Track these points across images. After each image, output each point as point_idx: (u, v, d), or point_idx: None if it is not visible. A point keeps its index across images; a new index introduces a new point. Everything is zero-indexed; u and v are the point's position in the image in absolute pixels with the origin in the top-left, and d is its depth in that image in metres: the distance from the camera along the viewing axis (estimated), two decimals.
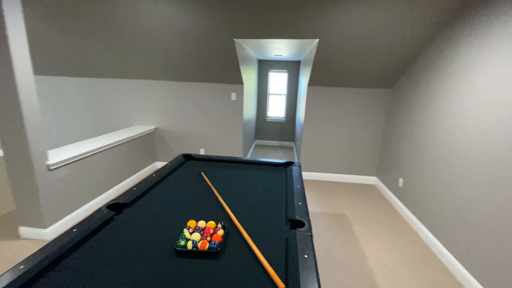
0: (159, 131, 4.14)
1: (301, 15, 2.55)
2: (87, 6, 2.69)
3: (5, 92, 1.97)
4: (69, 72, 3.93)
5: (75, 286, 0.95)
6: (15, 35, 1.93)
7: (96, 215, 1.41)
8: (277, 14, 2.57)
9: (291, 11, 2.52)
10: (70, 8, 2.73)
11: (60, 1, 2.65)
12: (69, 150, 2.62)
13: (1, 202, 2.95)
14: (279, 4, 2.45)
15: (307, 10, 2.49)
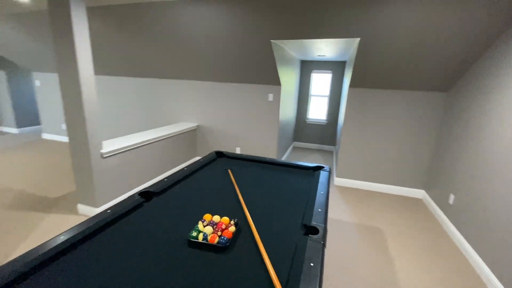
0: (200, 128, 4.40)
1: (340, 13, 2.44)
2: (142, 17, 3.02)
3: (72, 90, 2.35)
4: (125, 72, 4.45)
5: (97, 260, 1.08)
6: (80, 42, 2.28)
7: (129, 200, 1.59)
8: (314, 13, 2.51)
9: (329, 10, 2.43)
10: (128, 18, 3.10)
11: (120, 12, 3.03)
12: (121, 142, 2.98)
13: (67, 182, 3.50)
14: (317, 3, 2.38)
15: (347, 7, 2.37)
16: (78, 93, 2.34)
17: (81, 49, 2.28)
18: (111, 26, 3.39)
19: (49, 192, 3.17)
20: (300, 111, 5.89)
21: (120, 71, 4.48)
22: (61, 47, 2.27)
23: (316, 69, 5.54)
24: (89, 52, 2.36)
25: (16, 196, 3.04)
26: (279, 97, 3.76)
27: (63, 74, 2.34)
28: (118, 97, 4.80)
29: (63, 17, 2.19)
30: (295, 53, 4.37)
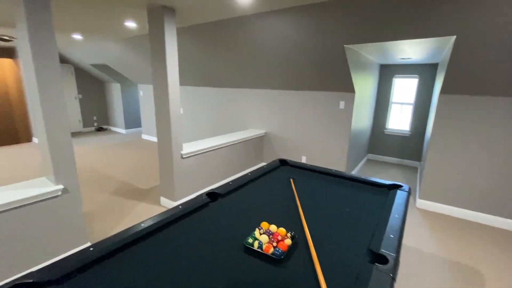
0: (268, 135, 4.51)
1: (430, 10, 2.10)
2: (218, 33, 3.32)
3: (162, 98, 2.76)
4: (203, 83, 4.96)
5: (161, 252, 1.22)
6: (170, 58, 2.66)
7: (197, 199, 1.74)
8: (394, 12, 2.24)
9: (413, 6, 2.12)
10: (206, 35, 3.46)
11: (199, 30, 3.41)
12: (197, 145, 3.33)
13: (156, 177, 4.11)
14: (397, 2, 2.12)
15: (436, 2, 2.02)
16: (166, 102, 2.73)
17: (170, 64, 2.67)
18: (192, 43, 3.86)
19: (142, 184, 3.80)
20: (378, 120, 5.34)
21: (198, 81, 5.03)
22: (156, 63, 2.71)
23: (399, 73, 4.94)
24: (176, 66, 2.73)
25: (118, 185, 3.76)
26: (352, 104, 3.50)
27: (156, 85, 2.78)
28: (196, 105, 5.39)
29: (159, 39, 2.62)
30: (373, 57, 4.00)
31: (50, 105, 1.83)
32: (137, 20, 3.21)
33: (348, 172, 2.38)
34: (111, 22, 3.34)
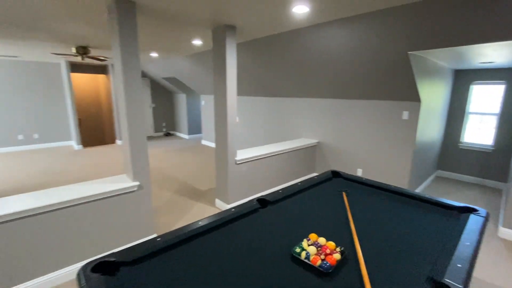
0: (320, 145, 4.41)
1: None
2: (273, 45, 3.45)
3: (221, 107, 3.00)
4: (258, 93, 5.14)
5: (214, 250, 1.33)
6: (230, 71, 2.89)
7: (248, 204, 1.84)
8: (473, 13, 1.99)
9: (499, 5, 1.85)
10: (261, 48, 3.62)
11: (255, 44, 3.59)
12: (251, 152, 3.48)
13: (212, 180, 4.43)
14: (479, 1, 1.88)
15: None
16: (224, 111, 2.96)
17: (230, 77, 2.90)
18: (248, 55, 4.08)
19: (200, 185, 4.15)
20: (450, 132, 4.69)
21: (253, 91, 5.26)
22: (217, 76, 2.98)
23: (478, 79, 4.28)
24: (235, 79, 2.95)
25: (180, 185, 4.18)
26: (417, 114, 3.19)
27: (217, 96, 3.05)
28: (251, 114, 5.63)
29: (220, 55, 2.88)
30: (444, 63, 3.58)
31: (133, 113, 2.20)
32: (202, 38, 3.58)
33: (411, 190, 2.16)
34: (181, 41, 3.80)
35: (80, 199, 1.99)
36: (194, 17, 2.55)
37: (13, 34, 3.39)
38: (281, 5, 2.26)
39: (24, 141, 6.45)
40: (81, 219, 2.04)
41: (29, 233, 1.82)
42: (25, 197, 1.93)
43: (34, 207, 1.79)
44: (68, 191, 2.05)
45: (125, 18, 2.04)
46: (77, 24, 2.86)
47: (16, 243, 1.78)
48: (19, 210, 1.74)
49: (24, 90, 6.30)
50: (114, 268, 1.19)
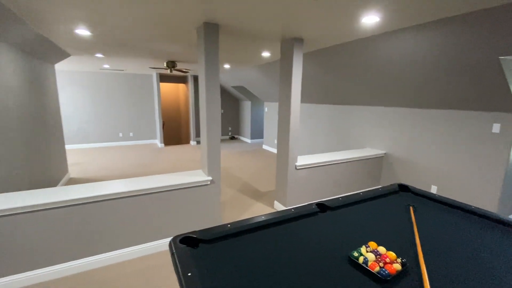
0: (388, 157, 4.13)
1: None
2: (340, 55, 3.44)
3: (284, 114, 3.18)
4: (320, 100, 5.12)
5: (273, 243, 1.48)
6: (295, 80, 3.05)
7: (307, 207, 1.94)
8: None
9: None
10: (326, 57, 3.65)
11: (321, 53, 3.64)
12: (311, 158, 3.54)
13: (272, 182, 4.63)
14: None
15: None
16: (288, 118, 3.13)
17: (294, 86, 3.05)
18: (312, 64, 4.15)
19: (260, 186, 4.40)
20: None
21: (316, 99, 5.27)
22: (283, 85, 3.17)
23: None
24: (299, 88, 3.09)
25: (242, 184, 4.51)
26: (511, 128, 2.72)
27: (281, 104, 3.24)
28: (312, 121, 5.64)
29: (287, 65, 3.07)
30: None
31: (211, 118, 2.57)
32: (271, 50, 3.85)
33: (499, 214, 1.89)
34: (252, 54, 4.16)
35: (166, 187, 2.43)
36: (266, 33, 2.81)
37: (122, 53, 4.32)
38: (350, 17, 2.31)
39: (122, 138, 7.96)
40: (164, 203, 2.48)
41: (126, 210, 2.33)
42: (126, 182, 2.48)
43: (131, 190, 2.29)
44: (156, 180, 2.53)
45: (210, 37, 2.43)
46: (169, 44, 3.48)
47: (118, 216, 2.30)
48: (120, 191, 2.25)
49: (125, 96, 7.80)
50: (195, 243, 1.47)
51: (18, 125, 2.81)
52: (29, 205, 1.93)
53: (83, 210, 2.14)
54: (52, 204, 2.01)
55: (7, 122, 2.57)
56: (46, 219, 2.02)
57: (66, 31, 2.88)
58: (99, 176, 4.89)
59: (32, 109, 3.26)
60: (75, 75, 7.09)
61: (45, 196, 2.07)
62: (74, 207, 2.10)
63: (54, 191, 2.19)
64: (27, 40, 2.88)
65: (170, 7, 2.07)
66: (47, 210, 2.01)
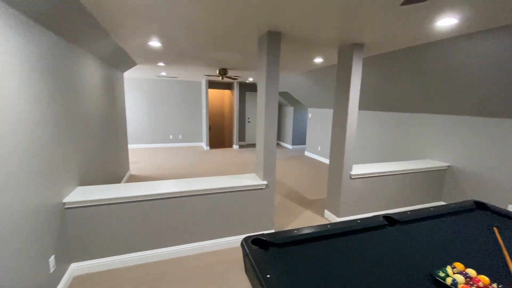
0: (452, 170, 3.76)
1: None
2: (401, 60, 3.25)
3: (340, 122, 3.10)
4: (374, 107, 4.87)
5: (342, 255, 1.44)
6: (354, 86, 2.97)
7: (374, 219, 1.86)
8: None
9: None
10: (385, 62, 3.47)
11: (380, 58, 3.48)
12: (367, 167, 3.39)
13: (319, 190, 4.53)
14: None
15: None
16: (344, 126, 3.05)
17: (353, 93, 2.97)
18: (371, 69, 3.98)
19: (307, 194, 4.34)
20: None
21: (369, 105, 5.03)
22: (340, 92, 3.11)
23: None
24: (357, 95, 3.00)
25: (288, 190, 4.50)
26: None
27: (337, 110, 3.18)
28: (365, 128, 5.39)
29: (345, 71, 3.01)
30: None
31: (269, 124, 2.63)
32: (324, 56, 3.82)
33: None
34: (304, 60, 4.17)
35: (225, 188, 2.55)
36: (324, 39, 2.80)
37: (180, 61, 4.66)
38: (422, 21, 2.19)
39: (172, 140, 8.54)
40: (222, 204, 2.59)
41: (189, 207, 2.48)
42: (189, 181, 2.65)
43: (195, 189, 2.44)
44: (215, 181, 2.66)
45: (272, 45, 2.50)
46: (226, 52, 3.66)
47: (180, 214, 2.47)
48: (185, 190, 2.41)
49: (176, 101, 8.39)
50: (266, 246, 1.51)
51: (97, 126, 3.21)
52: (123, 196, 2.20)
53: (152, 205, 2.35)
54: (128, 199, 2.25)
55: (91, 123, 2.95)
56: (122, 211, 2.26)
57: (141, 43, 3.22)
58: (154, 174, 5.30)
59: (107, 112, 3.69)
60: (135, 82, 7.86)
61: (125, 191, 2.32)
62: (142, 202, 2.32)
63: (128, 186, 2.45)
64: (108, 51, 3.29)
65: (237, 17, 2.20)
66: (122, 203, 2.26)
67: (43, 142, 1.79)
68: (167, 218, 2.42)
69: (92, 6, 2.01)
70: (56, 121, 2.01)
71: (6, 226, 1.39)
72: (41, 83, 1.80)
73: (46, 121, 1.85)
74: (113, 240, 2.29)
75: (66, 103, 2.21)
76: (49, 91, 1.91)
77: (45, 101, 1.84)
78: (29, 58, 1.65)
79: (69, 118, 2.28)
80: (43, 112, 1.81)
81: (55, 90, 2.01)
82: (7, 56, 1.44)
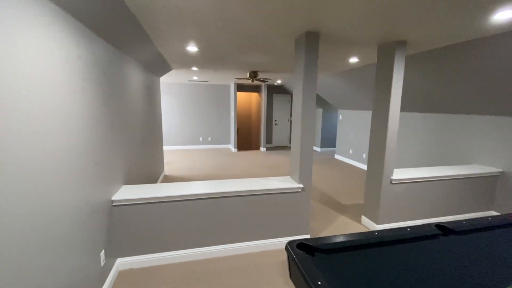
0: (505, 176, 3.40)
1: None
2: (447, 57, 3.02)
3: (380, 124, 2.96)
4: (413, 108, 4.58)
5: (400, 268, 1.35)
6: (395, 86, 2.81)
7: (426, 227, 1.73)
8: None
9: None
10: (428, 60, 3.25)
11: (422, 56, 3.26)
12: (409, 172, 3.20)
13: (354, 195, 4.36)
14: None
15: None
16: (384, 128, 2.90)
17: (394, 94, 2.82)
18: (411, 67, 3.75)
19: (341, 199, 4.19)
20: None
21: (409, 106, 4.74)
22: (380, 93, 2.97)
23: None
24: (399, 96, 2.84)
25: (321, 194, 4.38)
26: None
27: (376, 112, 3.03)
28: (402, 130, 5.10)
29: (386, 71, 2.87)
30: None
31: (306, 126, 2.58)
32: (360, 56, 3.68)
33: None
34: (339, 60, 4.06)
35: (261, 190, 2.54)
36: (364, 38, 2.70)
37: (213, 65, 4.77)
38: (479, 12, 2.01)
39: (202, 141, 8.78)
40: (258, 206, 2.58)
41: (222, 209, 2.50)
42: (229, 182, 2.68)
43: (236, 190, 2.46)
44: (249, 183, 2.66)
45: (310, 46, 2.46)
46: (259, 55, 3.68)
47: (219, 214, 2.50)
48: (228, 190, 2.44)
49: (206, 105, 8.62)
50: (311, 251, 1.46)
51: (139, 128, 3.39)
52: (164, 196, 2.30)
53: (189, 205, 2.41)
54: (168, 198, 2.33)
55: (134, 125, 3.12)
56: (163, 210, 2.35)
57: (180, 48, 3.35)
58: (186, 175, 5.47)
59: (146, 115, 3.89)
60: (169, 86, 8.22)
61: (166, 191, 2.41)
62: (180, 202, 2.39)
63: (167, 186, 2.54)
64: (149, 57, 3.46)
65: (277, 18, 2.19)
66: (163, 203, 2.34)
67: (94, 144, 1.92)
68: (204, 219, 2.47)
69: (140, 12, 2.12)
70: (106, 125, 2.15)
71: (66, 223, 1.50)
72: (95, 89, 1.94)
73: (97, 125, 1.98)
74: (154, 238, 2.38)
75: (115, 107, 2.36)
76: (102, 96, 2.05)
77: (97, 106, 1.97)
78: (85, 65, 1.78)
79: (117, 122, 2.43)
80: (95, 116, 1.94)
81: (106, 95, 2.15)
82: (65, 63, 1.56)
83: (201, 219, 2.46)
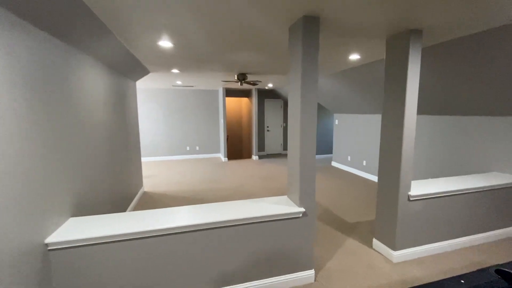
0: None
1: None
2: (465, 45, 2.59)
3: (393, 129, 2.47)
4: (424, 110, 4.14)
5: None
6: (411, 84, 2.34)
7: (480, 275, 1.22)
8: None
9: None
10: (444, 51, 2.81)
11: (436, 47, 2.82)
12: (428, 185, 2.71)
13: (359, 211, 3.84)
14: None
15: None
16: (399, 134, 2.41)
17: (410, 92, 2.34)
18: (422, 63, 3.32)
19: (345, 215, 3.66)
20: None
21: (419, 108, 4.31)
22: (391, 91, 2.49)
23: None
24: (416, 95, 2.37)
25: (321, 210, 3.85)
26: None
27: (387, 114, 2.55)
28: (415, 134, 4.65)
29: (399, 66, 2.39)
30: None
31: (306, 134, 2.06)
32: (363, 51, 3.22)
33: None
34: (338, 58, 3.59)
35: (250, 218, 1.98)
36: (371, 25, 2.22)
37: (196, 66, 4.24)
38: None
39: (189, 151, 8.16)
40: (248, 238, 2.02)
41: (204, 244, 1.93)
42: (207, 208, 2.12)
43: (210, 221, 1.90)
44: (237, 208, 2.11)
45: (309, 34, 1.96)
46: (248, 52, 3.17)
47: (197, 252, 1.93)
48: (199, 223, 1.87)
49: (193, 112, 8.05)
50: None
51: (103, 142, 2.79)
52: (110, 235, 1.70)
53: (162, 241, 1.83)
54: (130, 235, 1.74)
55: (93, 139, 2.53)
56: (123, 251, 1.76)
57: (150, 44, 2.81)
58: (170, 191, 4.86)
59: (116, 125, 3.30)
60: (150, 92, 7.62)
61: (129, 223, 1.83)
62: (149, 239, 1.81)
63: (133, 216, 1.96)
64: (114, 55, 2.90)
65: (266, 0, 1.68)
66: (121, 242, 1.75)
67: (21, 170, 1.34)
68: (180, 259, 1.89)
69: None
70: (43, 141, 1.57)
71: None
72: (30, 96, 1.36)
73: (28, 143, 1.40)
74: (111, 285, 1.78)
75: (58, 118, 1.78)
76: (33, 104, 1.48)
77: (27, 117, 1.40)
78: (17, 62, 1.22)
79: (63, 137, 1.84)
80: (25, 130, 1.36)
81: (42, 103, 1.58)
82: None
83: (176, 259, 1.88)
